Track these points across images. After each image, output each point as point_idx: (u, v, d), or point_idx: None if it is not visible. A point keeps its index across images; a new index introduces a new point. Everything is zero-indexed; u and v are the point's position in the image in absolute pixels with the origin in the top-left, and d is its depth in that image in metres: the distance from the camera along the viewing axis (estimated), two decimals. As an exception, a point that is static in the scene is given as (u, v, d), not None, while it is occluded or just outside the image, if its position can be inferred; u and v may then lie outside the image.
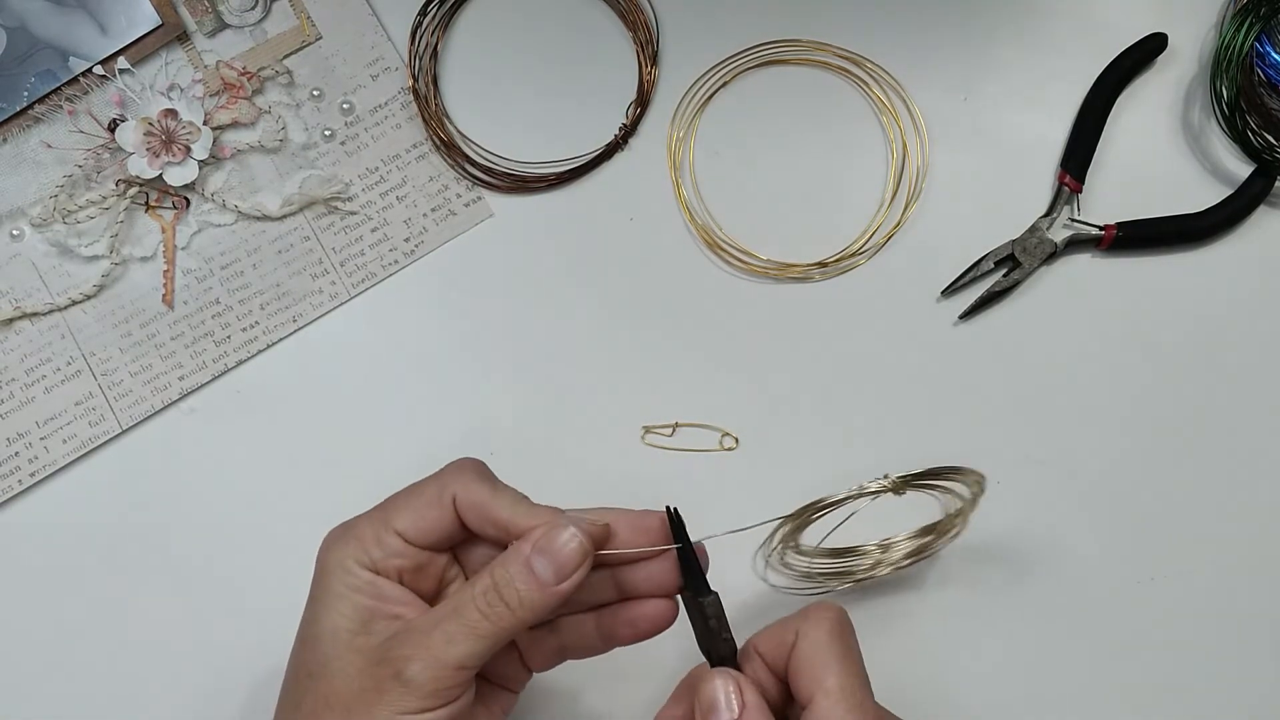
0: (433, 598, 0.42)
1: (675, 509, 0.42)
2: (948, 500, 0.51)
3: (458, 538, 0.42)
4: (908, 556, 0.53)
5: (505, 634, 0.39)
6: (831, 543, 0.51)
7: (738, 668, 0.41)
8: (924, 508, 0.51)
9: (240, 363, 0.59)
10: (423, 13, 0.60)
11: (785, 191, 0.60)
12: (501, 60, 0.61)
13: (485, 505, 0.41)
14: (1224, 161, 0.59)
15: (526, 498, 0.42)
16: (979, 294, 0.58)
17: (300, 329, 0.59)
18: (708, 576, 0.43)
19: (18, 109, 0.58)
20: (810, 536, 0.49)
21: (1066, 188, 0.58)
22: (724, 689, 0.39)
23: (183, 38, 0.59)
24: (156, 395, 0.58)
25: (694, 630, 0.42)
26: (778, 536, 0.49)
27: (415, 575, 0.41)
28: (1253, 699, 0.55)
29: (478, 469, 0.42)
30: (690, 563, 0.42)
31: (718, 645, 0.41)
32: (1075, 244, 0.58)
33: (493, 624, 0.38)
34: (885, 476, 0.46)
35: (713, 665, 0.42)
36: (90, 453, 0.58)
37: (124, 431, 0.58)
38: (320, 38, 0.60)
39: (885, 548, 0.54)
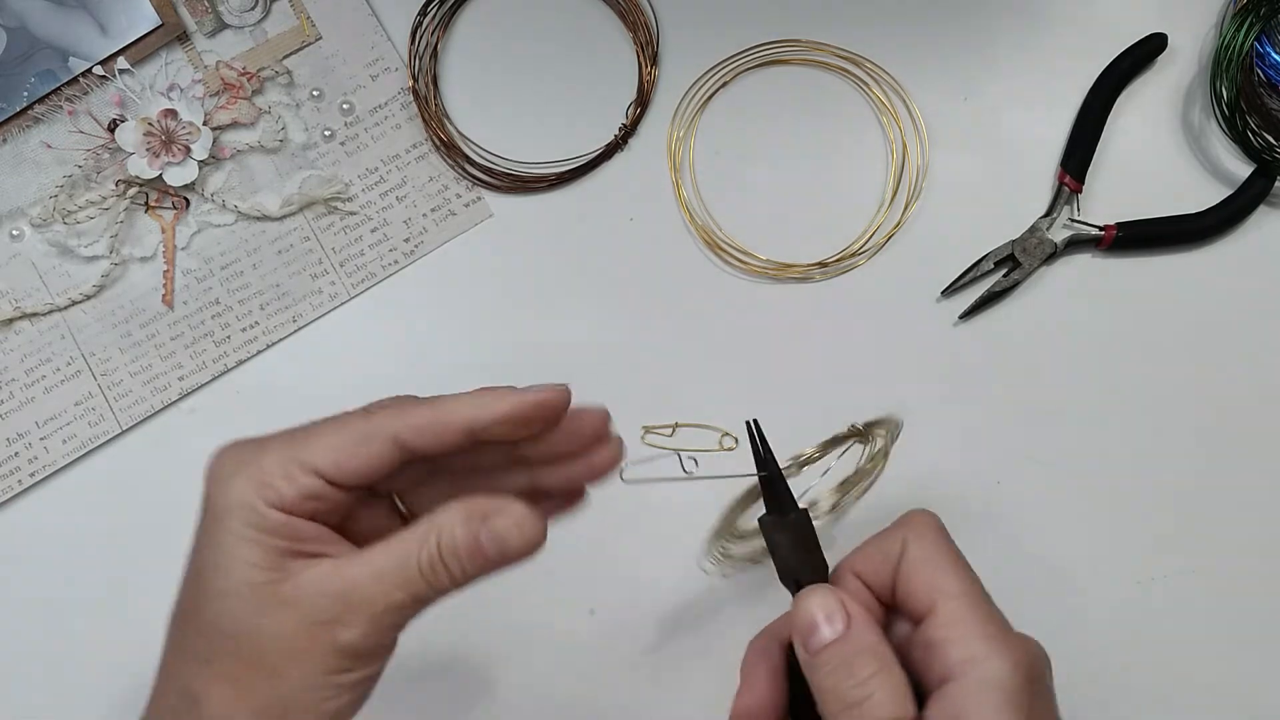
0: (351, 531, 0.38)
1: (756, 422, 0.39)
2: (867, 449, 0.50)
3: (393, 475, 0.37)
4: (834, 508, 0.52)
5: (446, 596, 0.36)
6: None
7: None
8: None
9: (240, 363, 0.59)
10: (423, 13, 0.60)
11: (785, 191, 0.60)
12: (501, 60, 0.61)
13: (434, 424, 0.36)
14: (1224, 161, 0.59)
15: (470, 394, 0.37)
16: (979, 294, 0.58)
17: (300, 329, 0.59)
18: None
19: (18, 109, 0.58)
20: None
21: (1066, 188, 0.58)
22: (823, 606, 0.36)
23: (183, 38, 0.59)
24: (156, 395, 0.58)
25: (775, 559, 0.38)
26: (722, 525, 0.48)
27: (332, 515, 0.37)
28: (1253, 699, 0.55)
29: (407, 400, 0.38)
30: (776, 484, 0.39)
31: (811, 564, 0.38)
32: (1075, 244, 0.58)
33: (435, 590, 0.36)
34: (851, 426, 0.44)
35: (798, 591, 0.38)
36: (90, 453, 0.58)
37: (124, 432, 0.58)
38: (320, 38, 0.60)
39: (811, 506, 0.52)
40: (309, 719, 0.35)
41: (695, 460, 0.39)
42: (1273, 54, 0.58)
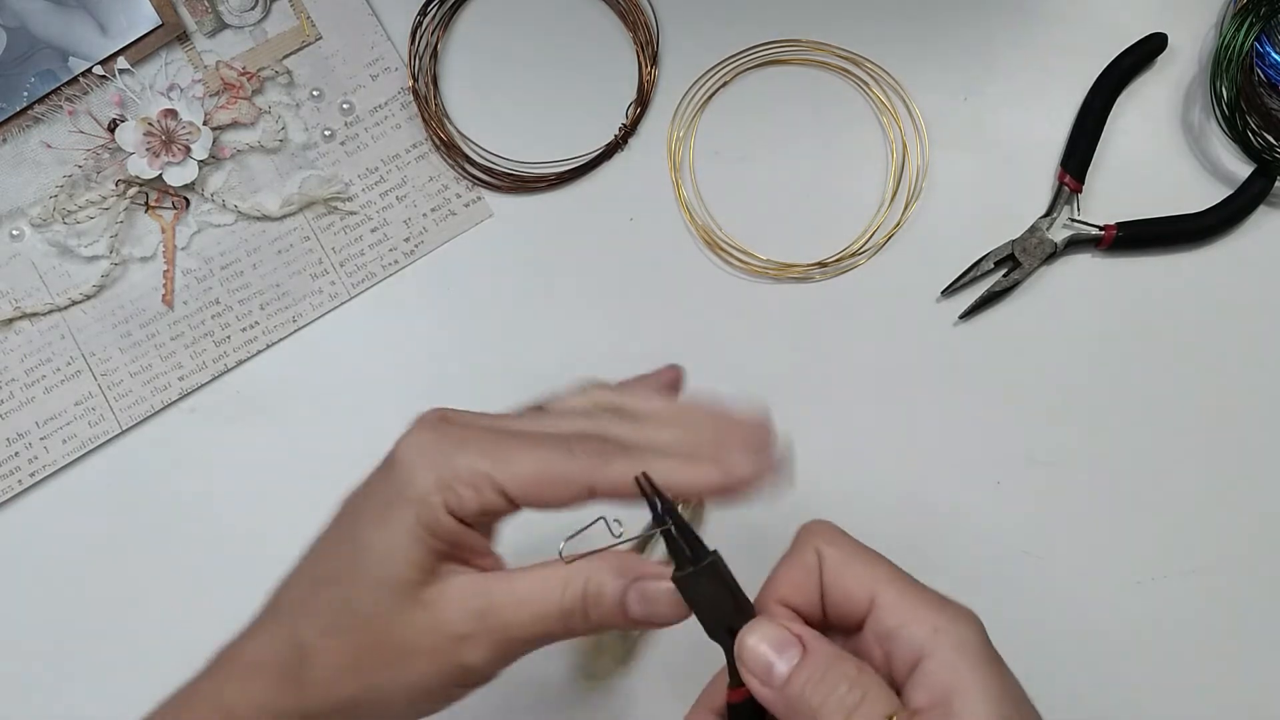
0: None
1: (646, 475, 0.35)
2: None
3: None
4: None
5: (571, 637, 0.37)
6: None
7: None
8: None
9: (240, 363, 0.59)
10: (423, 13, 0.60)
11: (785, 191, 0.60)
12: (501, 60, 0.61)
13: (627, 488, 0.35)
14: (1224, 161, 0.59)
15: (674, 454, 0.36)
16: (979, 294, 0.58)
17: (300, 329, 0.59)
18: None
19: (18, 109, 0.58)
20: None
21: (1066, 188, 0.58)
22: (769, 639, 0.34)
23: (183, 38, 0.59)
24: (156, 395, 0.58)
25: (700, 615, 0.36)
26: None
27: (493, 522, 0.37)
28: (1252, 699, 0.55)
29: (610, 446, 0.36)
30: (684, 533, 0.35)
31: (740, 606, 0.35)
32: (1075, 244, 0.58)
33: (568, 633, 0.36)
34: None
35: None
36: (90, 453, 0.58)
37: (124, 431, 0.58)
38: (320, 38, 0.60)
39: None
40: (403, 711, 0.36)
41: (620, 523, 0.37)
42: (1273, 54, 0.58)
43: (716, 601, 0.35)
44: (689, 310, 0.59)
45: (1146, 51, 0.59)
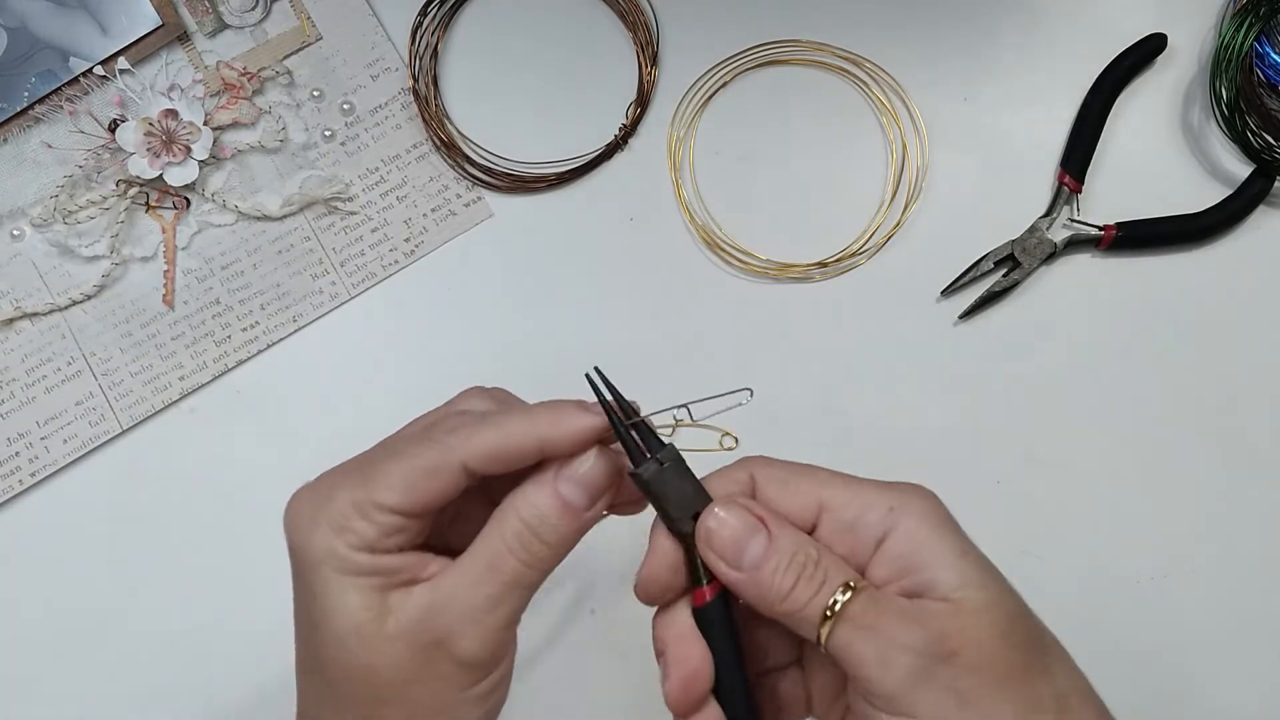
0: (439, 541, 0.38)
1: (598, 370, 0.36)
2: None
3: (465, 489, 0.36)
4: None
5: (546, 574, 0.36)
6: None
7: None
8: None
9: (240, 363, 0.59)
10: (423, 13, 0.61)
11: (785, 191, 0.60)
12: (501, 60, 0.61)
13: (503, 448, 0.35)
14: (1224, 161, 0.59)
15: (530, 405, 0.36)
16: (979, 294, 0.58)
17: (300, 329, 0.59)
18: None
19: (18, 109, 0.58)
20: None
21: (1066, 188, 0.58)
22: (734, 521, 0.34)
23: (183, 38, 0.59)
24: (157, 395, 0.58)
25: (667, 506, 0.36)
26: None
27: (418, 535, 0.36)
28: (1254, 699, 0.55)
29: (471, 419, 0.36)
30: (641, 429, 0.36)
31: (702, 493, 0.35)
32: (1075, 244, 0.58)
33: (534, 569, 0.35)
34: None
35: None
36: (90, 453, 0.58)
37: (124, 431, 0.58)
38: (320, 38, 0.60)
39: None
40: None
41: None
42: (1272, 54, 0.58)
43: (683, 488, 0.36)
44: (689, 310, 0.59)
45: (1146, 52, 0.59)
